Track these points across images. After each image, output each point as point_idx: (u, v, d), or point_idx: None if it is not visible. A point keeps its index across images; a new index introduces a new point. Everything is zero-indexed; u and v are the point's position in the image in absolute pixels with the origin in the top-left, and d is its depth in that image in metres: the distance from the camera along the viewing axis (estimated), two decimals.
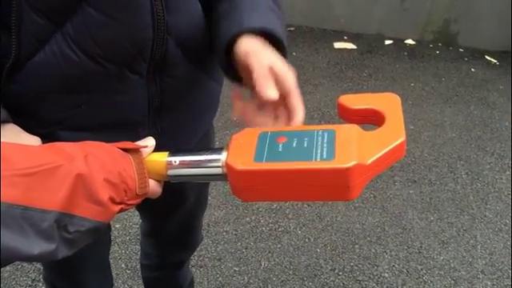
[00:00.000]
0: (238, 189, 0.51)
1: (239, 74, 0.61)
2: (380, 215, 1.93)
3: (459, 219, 1.96)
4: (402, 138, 0.50)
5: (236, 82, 0.63)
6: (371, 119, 0.55)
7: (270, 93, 0.53)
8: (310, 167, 0.47)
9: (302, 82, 2.68)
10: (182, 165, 0.54)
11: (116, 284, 1.63)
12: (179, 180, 0.55)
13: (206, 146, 0.95)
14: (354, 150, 0.47)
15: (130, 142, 0.53)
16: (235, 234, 1.81)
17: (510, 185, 2.13)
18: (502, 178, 2.17)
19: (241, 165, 0.49)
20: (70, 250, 0.45)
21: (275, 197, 0.52)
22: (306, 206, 1.94)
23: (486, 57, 3.13)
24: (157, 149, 0.56)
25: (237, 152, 0.51)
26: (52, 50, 0.62)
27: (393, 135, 0.50)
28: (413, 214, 1.95)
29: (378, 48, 3.12)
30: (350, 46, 3.11)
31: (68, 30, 0.60)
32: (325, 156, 0.47)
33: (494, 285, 1.71)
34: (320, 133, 0.51)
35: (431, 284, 1.70)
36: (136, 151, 0.53)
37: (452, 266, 1.77)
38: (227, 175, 0.51)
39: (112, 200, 0.47)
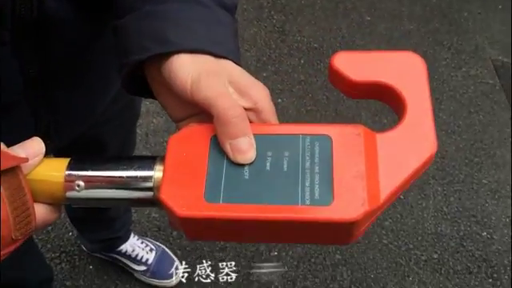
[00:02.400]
0: (181, 229, 0.33)
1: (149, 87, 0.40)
2: (333, 119, 1.81)
3: None
4: (432, 150, 0.32)
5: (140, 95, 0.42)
6: (381, 96, 0.36)
7: (244, 160, 0.32)
8: (294, 217, 0.29)
9: None
10: (90, 183, 0.34)
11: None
12: (84, 205, 0.36)
13: (128, 130, 0.74)
14: (362, 179, 0.30)
15: None
16: None
17: (464, 83, 2.05)
18: (457, 76, 2.08)
19: (184, 208, 0.30)
20: None
21: (235, 239, 0.35)
22: None
23: None
24: (51, 129, 0.37)
25: (177, 176, 0.31)
26: None
27: (419, 142, 0.32)
28: (366, 117, 1.85)
29: None
30: None
31: None
32: (317, 195, 0.29)
33: (444, 190, 1.68)
34: (308, 140, 0.32)
35: None
36: (11, 169, 0.32)
37: None
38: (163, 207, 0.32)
39: None
